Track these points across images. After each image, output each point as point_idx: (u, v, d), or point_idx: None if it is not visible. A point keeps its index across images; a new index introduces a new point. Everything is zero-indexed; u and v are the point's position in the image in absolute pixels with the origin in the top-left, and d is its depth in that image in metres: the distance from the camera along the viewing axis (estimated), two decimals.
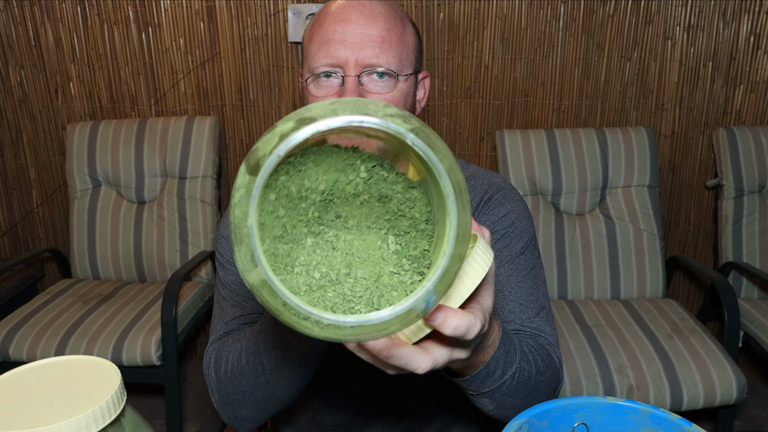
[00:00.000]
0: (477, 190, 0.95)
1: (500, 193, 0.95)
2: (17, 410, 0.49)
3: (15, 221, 2.58)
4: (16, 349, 1.85)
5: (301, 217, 0.48)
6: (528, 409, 0.66)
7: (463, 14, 2.22)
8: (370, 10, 0.84)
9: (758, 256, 2.14)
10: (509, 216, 0.93)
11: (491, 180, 0.96)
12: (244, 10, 2.25)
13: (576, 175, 2.12)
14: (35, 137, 2.47)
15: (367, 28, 0.83)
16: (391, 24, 0.85)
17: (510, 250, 0.91)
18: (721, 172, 2.19)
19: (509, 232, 0.92)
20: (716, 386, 1.63)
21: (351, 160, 0.48)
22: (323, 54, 0.84)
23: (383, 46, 0.83)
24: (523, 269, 0.91)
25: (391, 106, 0.43)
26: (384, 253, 0.49)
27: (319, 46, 0.84)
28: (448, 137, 2.37)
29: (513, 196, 0.96)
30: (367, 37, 0.83)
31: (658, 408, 0.66)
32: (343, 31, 0.83)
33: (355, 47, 0.82)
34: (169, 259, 2.25)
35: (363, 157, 0.49)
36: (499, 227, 0.92)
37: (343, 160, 0.48)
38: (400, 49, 0.85)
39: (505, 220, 0.93)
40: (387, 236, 0.50)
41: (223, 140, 2.41)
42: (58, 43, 2.34)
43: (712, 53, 2.21)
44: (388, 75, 0.84)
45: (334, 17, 0.84)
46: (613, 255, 2.10)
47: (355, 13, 0.83)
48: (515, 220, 0.93)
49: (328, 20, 0.84)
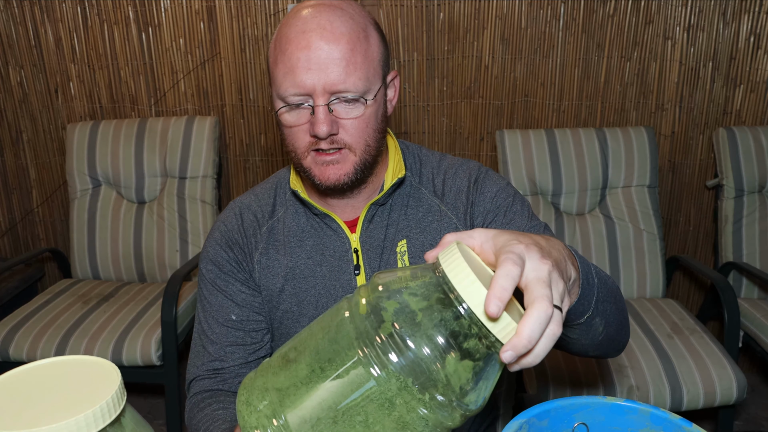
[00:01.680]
0: (463, 175, 0.98)
1: (482, 173, 0.99)
2: (17, 410, 0.49)
3: (15, 221, 2.59)
4: (16, 349, 1.85)
5: None
6: (528, 409, 0.66)
7: (463, 14, 2.22)
8: (331, 32, 0.83)
9: (758, 256, 2.14)
10: (505, 191, 0.97)
11: (469, 165, 1.00)
12: (244, 10, 2.25)
13: (576, 175, 2.12)
14: (35, 137, 2.47)
15: (330, 51, 0.82)
16: (354, 43, 0.84)
17: (519, 220, 0.94)
18: (721, 172, 2.19)
19: (513, 204, 0.95)
20: (716, 386, 1.63)
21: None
22: (290, 83, 0.84)
23: (348, 69, 0.83)
24: (538, 233, 0.93)
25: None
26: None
27: (285, 74, 0.84)
28: (448, 137, 2.37)
29: (494, 175, 1.00)
30: (331, 62, 0.82)
31: (658, 408, 0.66)
32: (308, 58, 0.82)
33: (320, 74, 0.82)
34: (169, 259, 2.25)
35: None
36: (500, 203, 0.95)
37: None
38: (366, 66, 0.85)
39: (501, 195, 0.96)
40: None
41: (223, 140, 2.41)
42: (58, 43, 2.34)
43: (712, 53, 2.21)
44: (355, 100, 0.85)
45: (297, 43, 0.83)
46: (613, 255, 2.10)
47: (316, 38, 0.82)
48: (514, 194, 0.97)
49: (291, 46, 0.83)
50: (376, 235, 0.96)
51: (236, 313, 0.97)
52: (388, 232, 0.96)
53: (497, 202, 0.95)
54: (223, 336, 0.97)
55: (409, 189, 0.98)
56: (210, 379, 0.97)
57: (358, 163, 0.89)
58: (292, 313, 0.96)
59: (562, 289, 0.53)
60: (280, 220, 0.99)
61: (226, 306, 0.97)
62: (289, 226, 0.98)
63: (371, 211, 0.95)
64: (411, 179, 0.99)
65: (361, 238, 0.95)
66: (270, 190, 1.02)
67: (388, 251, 0.95)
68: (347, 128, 0.86)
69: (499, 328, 0.46)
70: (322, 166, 0.88)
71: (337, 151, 0.87)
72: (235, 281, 0.98)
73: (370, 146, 0.90)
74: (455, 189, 0.97)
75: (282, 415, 0.48)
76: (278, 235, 0.98)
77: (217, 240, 0.99)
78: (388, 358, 0.46)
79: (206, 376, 0.97)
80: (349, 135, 0.87)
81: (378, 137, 0.91)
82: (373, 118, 0.89)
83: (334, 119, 0.85)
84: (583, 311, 0.71)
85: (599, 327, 0.77)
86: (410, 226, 0.96)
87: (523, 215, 0.94)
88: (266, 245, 0.98)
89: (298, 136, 0.88)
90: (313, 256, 0.96)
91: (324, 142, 0.86)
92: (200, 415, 0.92)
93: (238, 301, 0.97)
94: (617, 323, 0.82)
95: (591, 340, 0.79)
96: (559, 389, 1.63)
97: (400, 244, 0.95)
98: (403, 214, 0.96)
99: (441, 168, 1.00)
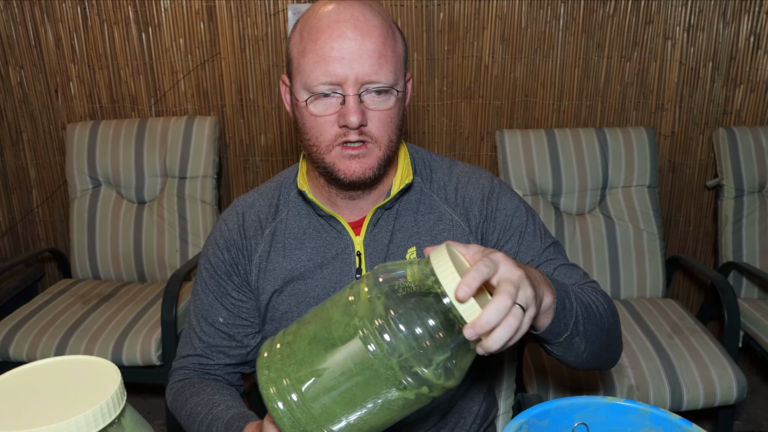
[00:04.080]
0: (476, 186, 0.98)
1: (496, 187, 0.99)
2: (17, 410, 0.49)
3: (15, 221, 2.59)
4: (16, 349, 1.85)
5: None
6: (528, 409, 0.66)
7: (463, 14, 2.22)
8: (365, 24, 0.83)
9: (758, 256, 2.14)
10: (519, 210, 0.98)
11: (481, 175, 1.00)
12: (244, 10, 2.25)
13: (576, 175, 2.12)
14: (35, 137, 2.47)
15: (363, 43, 0.83)
16: (385, 36, 0.85)
17: (534, 243, 0.96)
18: (721, 172, 2.19)
19: (527, 225, 0.97)
20: (716, 386, 1.63)
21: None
22: (320, 71, 0.83)
23: (381, 61, 0.84)
24: (548, 251, 0.97)
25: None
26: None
27: (315, 63, 0.84)
28: (448, 137, 2.37)
29: (508, 190, 1.00)
30: (364, 53, 0.83)
31: (658, 408, 0.66)
32: (341, 48, 0.82)
33: (353, 64, 0.82)
34: (169, 259, 2.25)
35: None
36: (516, 223, 0.96)
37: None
38: (395, 60, 0.86)
39: (517, 215, 0.97)
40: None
41: (223, 140, 2.41)
42: (58, 43, 2.34)
43: (712, 53, 2.21)
44: (385, 90, 0.85)
45: (330, 33, 0.83)
46: (613, 255, 2.10)
47: (351, 29, 0.83)
48: (527, 213, 0.98)
49: (323, 36, 0.83)
50: (381, 239, 0.95)
51: (224, 317, 0.99)
52: (394, 237, 0.95)
53: (513, 222, 0.96)
54: (209, 336, 1.00)
55: (419, 195, 0.97)
56: (195, 372, 1.00)
57: (381, 158, 0.89)
58: (292, 314, 0.96)
59: (530, 294, 0.61)
60: (283, 221, 0.98)
61: (215, 307, 0.99)
62: (291, 227, 0.97)
63: (377, 215, 0.95)
64: (421, 185, 0.98)
65: (365, 240, 0.95)
66: (274, 190, 1.01)
67: (393, 256, 0.94)
68: (374, 121, 0.86)
69: (464, 308, 0.56)
70: (348, 159, 0.87)
71: (363, 144, 0.87)
72: (228, 285, 0.98)
73: (392, 142, 0.89)
74: (468, 199, 0.97)
75: (295, 380, 0.59)
76: (280, 237, 0.97)
77: (217, 240, 1.00)
78: (383, 338, 0.56)
79: (192, 368, 1.00)
80: (376, 128, 0.87)
81: (399, 134, 0.91)
82: (397, 114, 0.89)
83: (364, 110, 0.85)
84: (560, 332, 0.76)
85: (581, 346, 0.81)
86: (420, 233, 0.95)
87: (536, 237, 0.96)
88: (268, 248, 0.97)
89: (325, 128, 0.86)
90: (314, 258, 0.95)
91: (353, 133, 0.85)
92: (195, 399, 0.94)
93: (227, 305, 0.99)
94: (602, 343, 0.85)
95: (575, 357, 0.84)
96: (559, 389, 1.63)
97: (410, 251, 0.94)
98: (413, 221, 0.95)
99: (453, 175, 0.99)
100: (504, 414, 1.26)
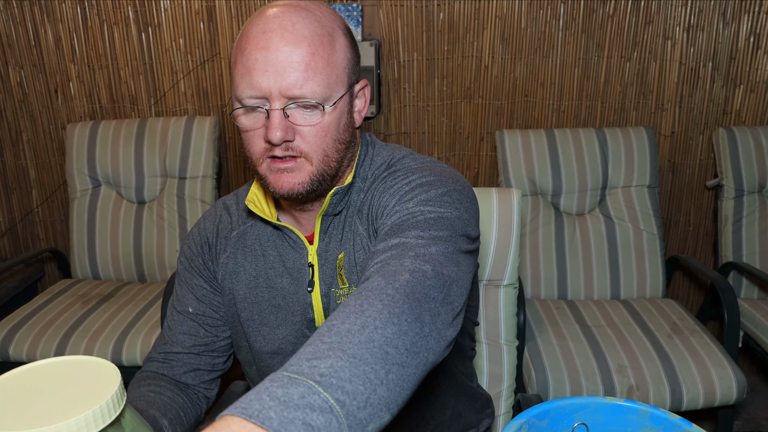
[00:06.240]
0: (387, 191, 0.87)
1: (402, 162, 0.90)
2: (17, 410, 0.49)
3: (15, 221, 2.59)
4: (16, 349, 1.85)
5: None
6: (528, 409, 0.66)
7: (463, 14, 2.22)
8: (292, 33, 0.79)
9: (758, 256, 2.14)
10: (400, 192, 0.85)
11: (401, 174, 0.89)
12: (244, 10, 2.26)
13: (576, 175, 2.12)
14: (35, 137, 2.47)
15: (290, 54, 0.78)
16: (316, 47, 0.80)
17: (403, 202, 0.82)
18: (721, 172, 2.19)
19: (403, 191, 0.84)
20: (716, 386, 1.63)
21: None
22: (246, 84, 0.80)
23: (307, 74, 0.79)
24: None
25: None
26: None
27: (242, 75, 0.80)
28: (448, 137, 2.37)
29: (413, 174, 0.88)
30: (290, 65, 0.78)
31: (658, 408, 0.66)
32: (265, 59, 0.78)
33: (277, 77, 0.78)
34: (169, 259, 2.25)
35: None
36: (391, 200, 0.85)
37: None
38: (328, 72, 0.81)
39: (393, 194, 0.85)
40: None
41: (223, 140, 2.41)
42: (58, 43, 2.34)
43: (712, 53, 2.21)
44: (313, 106, 0.81)
45: (255, 43, 0.79)
46: (613, 255, 2.10)
47: (276, 39, 0.78)
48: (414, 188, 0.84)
49: (250, 46, 0.79)
50: (332, 249, 0.91)
51: (194, 306, 0.99)
52: (341, 245, 0.92)
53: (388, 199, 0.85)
54: (178, 324, 1.00)
55: (362, 196, 0.92)
56: (159, 363, 0.99)
57: (315, 173, 0.84)
58: (254, 321, 0.96)
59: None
60: (253, 226, 0.97)
61: (186, 297, 1.00)
62: (257, 233, 0.96)
63: (325, 223, 0.91)
64: (361, 186, 0.92)
65: (318, 251, 0.92)
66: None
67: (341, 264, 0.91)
68: (304, 135, 0.82)
69: None
70: (277, 173, 0.84)
71: (292, 159, 0.83)
72: (199, 277, 0.99)
73: (329, 157, 0.84)
74: (376, 203, 0.89)
75: None
76: (248, 241, 0.97)
77: (194, 235, 1.01)
78: None
79: (158, 359, 1.00)
80: (306, 143, 0.82)
81: (339, 148, 0.85)
82: (333, 128, 0.83)
83: (289, 125, 0.80)
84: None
85: (386, 418, 0.56)
86: (354, 239, 0.90)
87: (411, 197, 0.82)
88: (234, 250, 0.97)
89: (254, 140, 0.84)
90: (275, 267, 0.94)
91: (278, 149, 0.81)
92: (136, 391, 0.94)
93: (198, 296, 0.99)
94: (410, 388, 0.58)
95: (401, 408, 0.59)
96: (559, 389, 1.63)
97: (340, 258, 0.90)
98: (357, 226, 0.91)
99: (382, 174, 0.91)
100: (504, 414, 1.26)
